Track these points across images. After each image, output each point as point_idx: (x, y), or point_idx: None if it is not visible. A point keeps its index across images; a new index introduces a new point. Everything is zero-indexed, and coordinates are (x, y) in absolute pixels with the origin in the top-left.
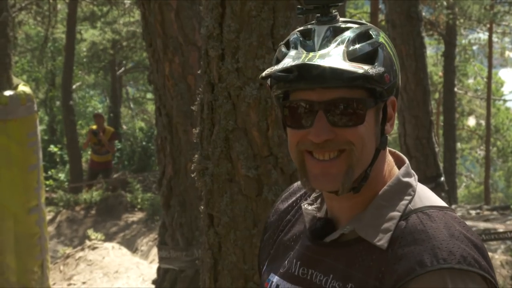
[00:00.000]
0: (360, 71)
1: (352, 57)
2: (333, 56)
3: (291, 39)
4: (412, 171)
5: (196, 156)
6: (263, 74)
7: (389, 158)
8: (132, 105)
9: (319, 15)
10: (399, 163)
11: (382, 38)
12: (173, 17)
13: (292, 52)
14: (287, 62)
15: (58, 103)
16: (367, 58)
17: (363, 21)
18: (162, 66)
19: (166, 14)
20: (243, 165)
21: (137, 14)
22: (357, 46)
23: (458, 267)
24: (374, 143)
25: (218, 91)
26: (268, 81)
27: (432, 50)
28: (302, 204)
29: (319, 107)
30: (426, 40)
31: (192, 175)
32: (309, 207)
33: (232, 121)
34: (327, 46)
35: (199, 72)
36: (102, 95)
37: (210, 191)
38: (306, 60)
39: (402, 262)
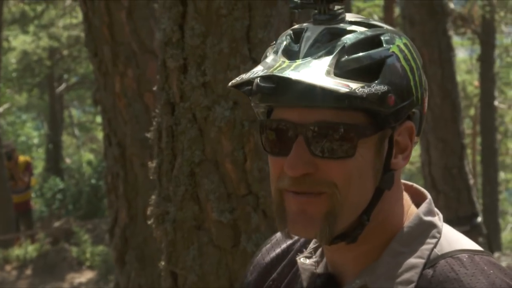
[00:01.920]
0: (344, 89)
1: (343, 70)
2: (313, 68)
3: (278, 41)
4: (436, 209)
5: (153, 197)
6: (231, 82)
7: (405, 195)
8: (77, 132)
9: (316, 12)
10: (419, 199)
11: (397, 47)
12: (125, 18)
13: (270, 58)
14: (257, 70)
15: None
16: (367, 72)
17: (380, 23)
18: (111, 81)
19: (116, 15)
20: (214, 208)
21: (80, 15)
22: (355, 56)
23: None
24: (371, 181)
25: (180, 112)
26: (247, 92)
27: (465, 53)
28: (297, 258)
29: (299, 131)
30: (456, 40)
31: (149, 222)
32: (307, 261)
33: (199, 151)
34: (314, 54)
35: (155, 88)
36: (38, 120)
37: (173, 242)
38: (276, 70)
39: None
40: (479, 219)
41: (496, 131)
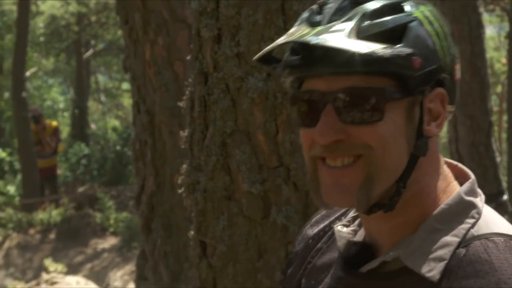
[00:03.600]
0: (364, 50)
1: (365, 34)
2: (335, 33)
3: (302, 15)
4: (479, 190)
5: (184, 166)
6: (256, 56)
7: (447, 171)
8: (103, 98)
9: None
10: (461, 179)
11: (422, 13)
12: None
13: (293, 28)
14: (280, 40)
15: (7, 94)
16: (390, 36)
17: None
18: (141, 49)
19: None
20: (245, 179)
21: None
22: (378, 20)
23: None
24: (404, 147)
25: (213, 82)
26: (278, 68)
27: (493, 30)
28: (334, 226)
29: (327, 99)
30: (485, 17)
31: (180, 191)
32: (344, 229)
33: (231, 121)
34: (336, 20)
35: (188, 57)
36: (64, 85)
37: (202, 211)
38: (297, 36)
39: None
40: (505, 197)
41: None
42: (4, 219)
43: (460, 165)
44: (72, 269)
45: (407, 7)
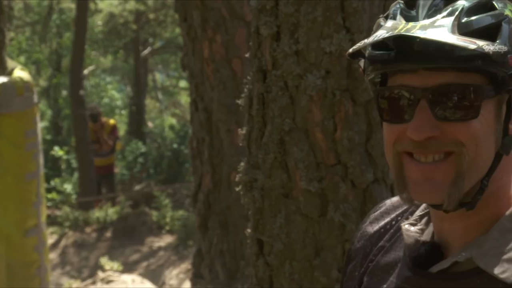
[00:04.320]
0: (472, 46)
1: (464, 30)
2: (440, 28)
3: (391, 10)
4: None
5: (242, 164)
6: (351, 50)
7: None
8: (160, 96)
9: None
10: None
11: (510, 11)
12: None
13: (389, 23)
14: (380, 34)
15: (64, 92)
16: (486, 33)
17: None
18: (199, 47)
19: None
20: (302, 177)
21: None
22: (473, 18)
23: None
24: (493, 145)
25: (271, 80)
26: (362, 63)
27: None
28: (402, 224)
29: (422, 95)
30: None
31: (237, 189)
32: (412, 228)
33: (289, 119)
34: (434, 16)
35: (247, 55)
36: (122, 83)
37: (260, 209)
38: (403, 30)
39: None
40: None
41: None
42: (61, 217)
43: None
44: (128, 268)
45: (497, 5)
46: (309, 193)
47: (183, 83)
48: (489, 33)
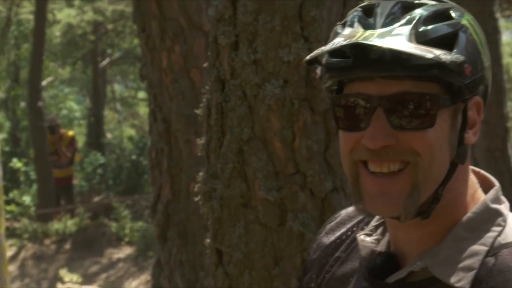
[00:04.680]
0: (429, 55)
1: (422, 39)
2: (397, 36)
3: (349, 17)
4: (503, 198)
5: (201, 174)
6: (308, 57)
7: (472, 179)
8: (119, 107)
9: None
10: (486, 186)
11: (467, 21)
12: None
13: (347, 31)
14: (337, 41)
15: (23, 104)
16: (443, 42)
17: None
18: (158, 57)
19: None
20: (261, 186)
21: None
22: (430, 27)
23: None
24: (447, 154)
25: (230, 89)
26: (318, 70)
27: (509, 36)
28: (357, 235)
29: (378, 104)
30: (502, 22)
31: (196, 199)
32: (367, 239)
33: (248, 128)
34: (391, 25)
35: (205, 65)
36: (81, 94)
37: (219, 219)
38: (360, 38)
39: None
40: None
41: None
42: (20, 229)
43: (482, 171)
44: (87, 279)
45: (454, 14)
46: (268, 203)
47: (141, 94)
48: (446, 42)
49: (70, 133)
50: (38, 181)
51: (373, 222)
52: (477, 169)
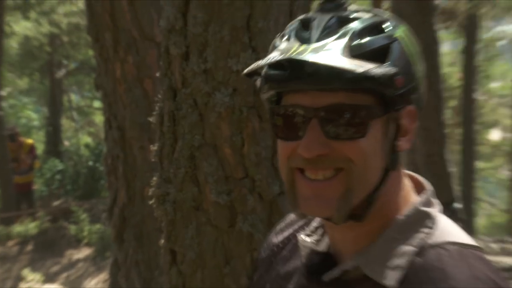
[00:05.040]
0: (360, 69)
1: (355, 53)
2: (330, 51)
3: (287, 30)
4: (436, 200)
5: (154, 178)
6: (246, 70)
7: (406, 183)
8: (76, 116)
9: (323, 1)
10: (419, 189)
11: (401, 33)
12: (126, 6)
13: (283, 44)
14: (273, 56)
15: None
16: (376, 55)
17: (380, 11)
18: (112, 67)
19: (117, 2)
20: (212, 190)
21: (80, 2)
22: (364, 40)
23: None
24: (380, 161)
25: (181, 98)
26: (258, 82)
27: (448, 46)
28: (298, 235)
29: (313, 114)
30: (441, 33)
31: (150, 202)
32: (307, 239)
33: (199, 135)
34: (326, 38)
35: (158, 74)
36: (38, 104)
37: (172, 221)
38: (294, 53)
39: None
40: (457, 204)
41: (475, 122)
42: None
43: (417, 176)
44: (49, 278)
45: (388, 27)
46: (218, 205)
47: (97, 103)
48: (379, 54)
49: (29, 141)
50: (0, 186)
51: (314, 224)
52: (412, 173)
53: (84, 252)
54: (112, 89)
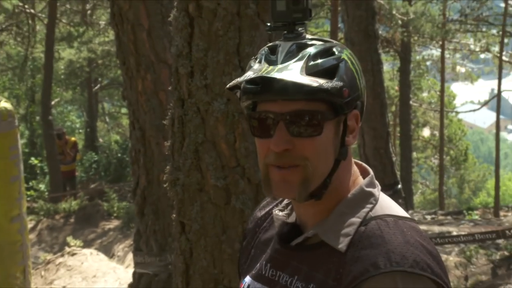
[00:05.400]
0: (315, 84)
1: (311, 71)
2: (291, 70)
3: (259, 54)
4: (376, 182)
5: (168, 167)
6: (228, 85)
7: (355, 169)
8: (107, 120)
9: (285, 32)
10: (364, 174)
11: (346, 55)
12: (145, 37)
13: (256, 66)
14: (248, 74)
15: (38, 118)
16: (327, 72)
17: (330, 39)
18: (135, 83)
19: (139, 34)
20: (212, 176)
21: (111, 34)
22: (318, 61)
23: (410, 270)
24: (332, 154)
25: (188, 106)
26: (238, 93)
27: (389, 66)
28: (273, 210)
29: (280, 118)
30: (383, 56)
31: (164, 185)
32: (280, 213)
33: (202, 134)
34: (289, 61)
35: (170, 88)
36: (79, 110)
37: (181, 200)
38: (264, 72)
39: (358, 264)
40: (399, 186)
41: (410, 122)
42: (37, 208)
43: (363, 164)
44: (87, 244)
45: (336, 51)
46: (217, 188)
47: (124, 110)
48: (330, 72)
49: (73, 139)
50: (50, 173)
51: (285, 201)
52: (359, 162)
53: (114, 224)
54: (135, 99)
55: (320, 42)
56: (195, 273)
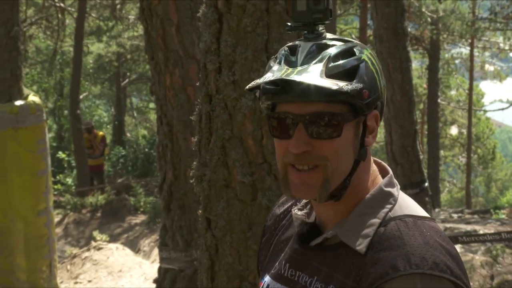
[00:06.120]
0: (335, 87)
1: (331, 73)
2: (311, 72)
3: (278, 55)
4: (395, 181)
5: (194, 163)
6: (248, 86)
7: (374, 168)
8: (135, 114)
9: (306, 32)
10: (383, 173)
11: (366, 55)
12: (174, 32)
13: (276, 67)
14: (268, 76)
15: (66, 112)
16: (347, 73)
17: (351, 39)
18: (163, 78)
19: (168, 29)
20: (238, 172)
21: (140, 29)
22: (338, 62)
23: (429, 272)
24: (352, 155)
25: (215, 102)
26: (258, 94)
27: (417, 64)
28: (292, 210)
29: (299, 120)
30: (412, 54)
31: (191, 181)
32: (299, 213)
33: (229, 130)
34: (309, 63)
35: (198, 84)
36: (108, 105)
37: (208, 196)
38: (283, 75)
39: (377, 266)
40: (426, 184)
41: (438, 120)
42: (64, 202)
43: (382, 162)
44: (113, 238)
45: (357, 51)
46: (243, 184)
47: (152, 105)
48: (350, 73)
49: (101, 133)
50: (77, 167)
51: (303, 200)
52: (378, 160)
53: (140, 218)
54: (163, 94)
55: (341, 43)
56: (220, 269)
